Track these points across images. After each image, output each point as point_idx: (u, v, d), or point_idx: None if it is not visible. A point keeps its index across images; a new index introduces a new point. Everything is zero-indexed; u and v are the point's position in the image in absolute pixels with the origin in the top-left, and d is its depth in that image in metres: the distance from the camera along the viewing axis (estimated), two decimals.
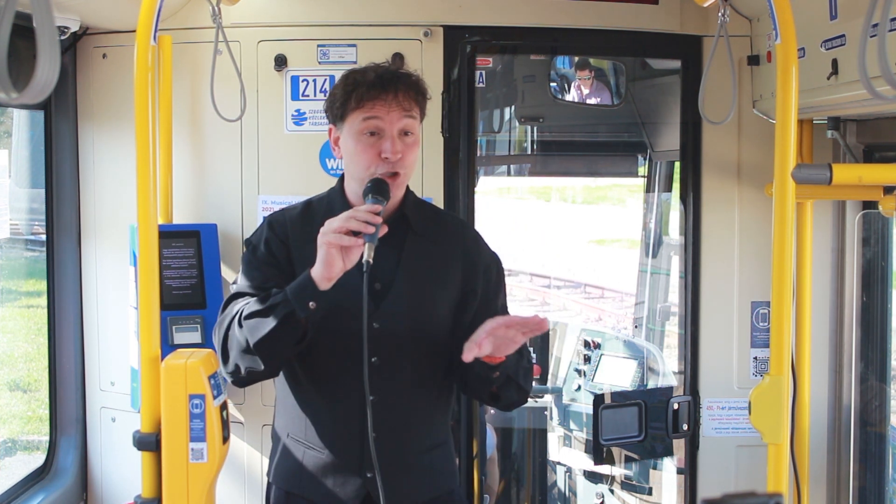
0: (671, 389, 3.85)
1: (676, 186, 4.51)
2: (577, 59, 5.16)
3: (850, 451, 3.63)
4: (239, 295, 2.33)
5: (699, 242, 3.65)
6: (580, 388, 5.33)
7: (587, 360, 5.40)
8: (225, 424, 2.80)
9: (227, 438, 2.83)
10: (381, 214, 2.17)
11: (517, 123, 5.62)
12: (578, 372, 5.40)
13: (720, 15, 3.02)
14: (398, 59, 3.43)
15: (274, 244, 2.39)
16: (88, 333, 3.65)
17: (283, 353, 2.27)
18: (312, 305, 2.15)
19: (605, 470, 4.94)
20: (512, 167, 6.66)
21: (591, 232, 20.27)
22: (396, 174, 2.31)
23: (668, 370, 5.02)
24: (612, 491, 4.98)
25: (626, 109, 5.13)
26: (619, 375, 5.20)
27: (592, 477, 5.08)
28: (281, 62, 3.51)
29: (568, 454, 5.25)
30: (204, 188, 3.57)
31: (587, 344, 5.45)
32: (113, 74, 3.54)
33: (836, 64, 2.70)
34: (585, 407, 5.09)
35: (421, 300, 2.38)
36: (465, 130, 3.54)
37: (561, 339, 5.70)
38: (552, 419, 5.30)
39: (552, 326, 5.73)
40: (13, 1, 1.00)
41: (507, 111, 5.56)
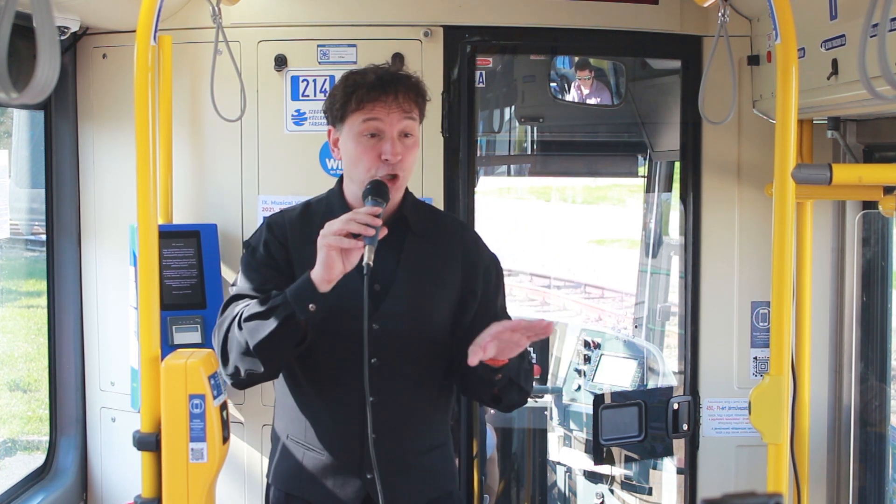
0: (671, 389, 3.85)
1: (676, 186, 4.51)
2: (577, 59, 5.16)
3: (850, 451, 3.63)
4: (238, 297, 2.33)
5: (699, 242, 3.65)
6: (580, 388, 5.33)
7: (587, 360, 5.40)
8: (225, 424, 2.80)
9: (227, 438, 2.83)
10: (380, 216, 2.17)
11: (517, 123, 5.62)
12: (578, 372, 5.40)
13: (720, 15, 3.02)
14: (398, 59, 3.43)
15: (273, 246, 2.39)
16: (88, 333, 3.65)
17: (283, 355, 2.26)
18: (312, 307, 2.15)
19: (605, 470, 4.94)
20: (512, 167, 6.65)
21: (591, 232, 20.26)
22: (396, 176, 2.31)
23: (668, 370, 5.01)
24: (612, 491, 4.98)
25: (626, 109, 5.13)
26: (619, 375, 5.19)
27: (592, 477, 5.08)
28: (281, 62, 3.50)
29: (568, 454, 5.24)
30: (204, 188, 3.56)
31: (587, 344, 5.44)
32: (113, 74, 3.54)
33: (836, 64, 2.70)
34: (585, 407, 5.09)
35: (420, 301, 2.38)
36: (465, 130, 3.54)
37: (561, 339, 5.70)
38: (552, 419, 5.30)
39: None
40: (13, 1, 1.00)
41: (507, 111, 5.56)
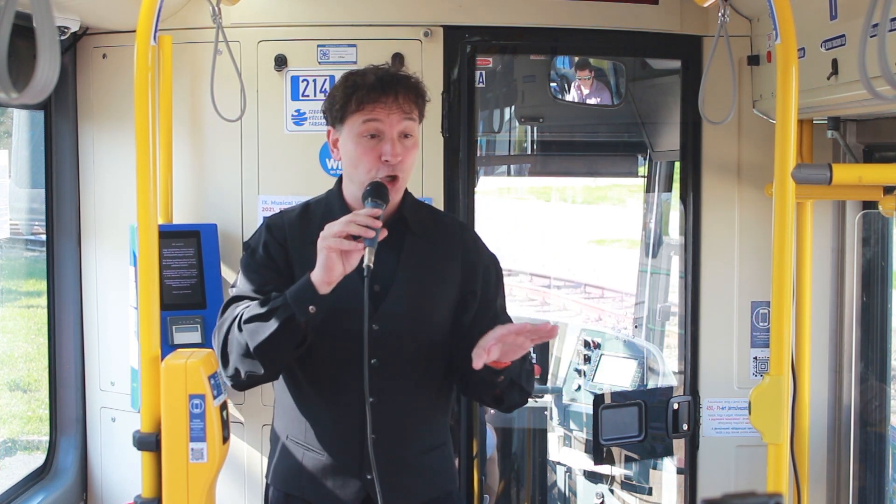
0: (671, 389, 3.85)
1: (676, 186, 4.51)
2: (577, 59, 5.16)
3: (850, 451, 3.62)
4: (238, 298, 2.33)
5: (699, 242, 3.65)
6: (580, 388, 5.33)
7: (587, 360, 5.40)
8: (225, 424, 2.80)
9: (227, 438, 2.82)
10: (380, 218, 2.17)
11: (517, 123, 5.62)
12: (578, 372, 5.40)
13: (720, 15, 3.02)
14: (398, 60, 3.43)
15: (272, 247, 2.39)
16: (88, 333, 3.65)
17: (283, 356, 2.26)
18: (312, 309, 2.15)
19: (605, 470, 4.94)
20: (512, 167, 6.65)
21: (591, 232, 20.24)
22: (396, 177, 2.31)
23: (668, 370, 5.02)
24: (612, 491, 4.98)
25: (626, 109, 5.13)
26: (619, 375, 5.19)
27: (592, 477, 5.08)
28: (281, 62, 3.50)
29: (568, 454, 5.24)
30: (204, 188, 3.56)
31: (587, 344, 5.44)
32: (113, 74, 3.54)
33: (836, 64, 2.70)
34: (585, 407, 5.09)
35: (420, 301, 2.38)
36: (465, 130, 3.54)
37: (561, 339, 5.69)
38: (552, 419, 5.30)
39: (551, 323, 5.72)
40: (13, 1, 1.00)
41: (507, 111, 5.56)
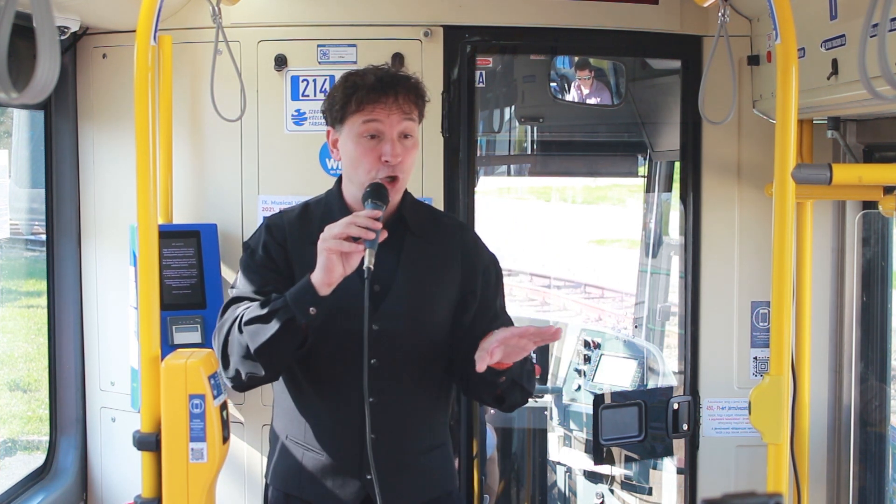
0: (671, 389, 3.85)
1: (676, 186, 4.51)
2: (577, 59, 5.16)
3: (850, 451, 3.62)
4: (238, 299, 2.33)
5: (699, 242, 3.65)
6: (580, 388, 5.33)
7: (587, 360, 5.40)
8: (225, 424, 2.80)
9: (227, 438, 2.82)
10: (380, 219, 2.16)
11: (517, 123, 5.62)
12: (578, 372, 5.40)
13: (720, 15, 3.02)
14: (398, 60, 3.43)
15: (272, 247, 2.39)
16: (88, 333, 3.65)
17: (284, 358, 2.26)
18: (313, 311, 2.15)
19: (605, 470, 4.94)
20: (512, 167, 6.66)
21: (591, 232, 20.23)
22: (395, 178, 2.31)
23: (668, 370, 5.01)
24: (612, 491, 4.98)
25: (626, 109, 5.13)
26: (619, 375, 5.19)
27: (592, 477, 5.08)
28: (281, 62, 3.50)
29: (568, 454, 5.24)
30: (204, 188, 3.56)
31: (587, 344, 5.44)
32: (113, 74, 3.54)
33: (836, 64, 2.69)
34: (585, 407, 5.09)
35: (420, 301, 2.38)
36: (465, 130, 3.54)
37: (561, 339, 5.69)
38: (552, 419, 5.30)
39: (552, 324, 5.73)
40: (13, 1, 1.00)
41: (507, 111, 5.56)
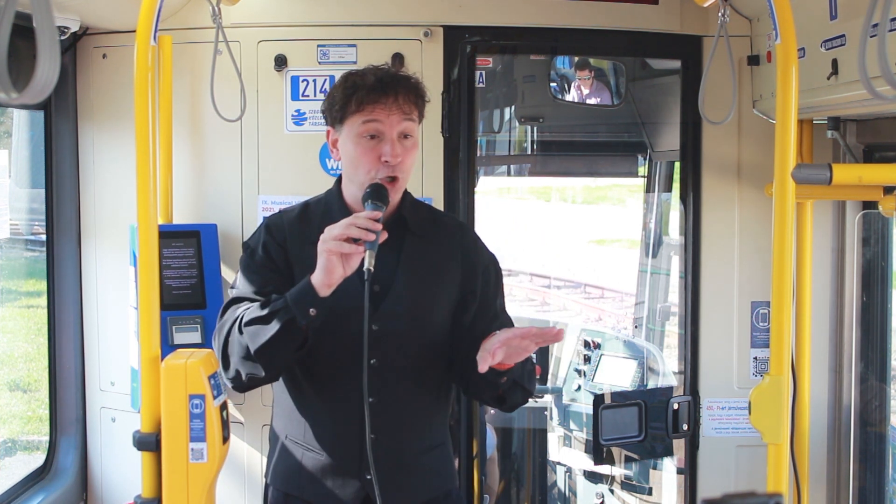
0: (671, 389, 3.85)
1: (676, 186, 4.51)
2: (577, 59, 5.16)
3: (850, 451, 3.62)
4: (238, 300, 2.33)
5: (699, 242, 3.65)
6: (580, 388, 5.33)
7: (587, 360, 5.40)
8: (225, 424, 2.80)
9: (227, 438, 2.82)
10: (380, 220, 2.16)
11: (517, 123, 5.62)
12: (578, 372, 5.40)
13: (720, 15, 3.02)
14: (398, 60, 3.43)
15: (272, 248, 2.39)
16: (88, 333, 3.65)
17: (283, 359, 2.26)
18: (313, 312, 2.15)
19: (605, 470, 4.94)
20: (512, 167, 6.65)
21: (591, 232, 20.23)
22: (395, 178, 2.31)
23: (668, 370, 5.01)
24: (612, 491, 4.98)
25: (626, 109, 5.12)
26: (619, 375, 5.19)
27: (592, 477, 5.08)
28: (281, 62, 3.50)
29: (568, 454, 5.24)
30: (204, 188, 3.56)
31: (587, 344, 5.44)
32: (113, 74, 3.54)
33: (836, 64, 2.69)
34: (585, 407, 5.09)
35: (420, 301, 2.38)
36: (465, 130, 3.54)
37: (561, 339, 5.68)
38: (552, 419, 5.30)
39: (552, 324, 5.73)
40: (13, 1, 1.00)
41: (507, 111, 5.56)
